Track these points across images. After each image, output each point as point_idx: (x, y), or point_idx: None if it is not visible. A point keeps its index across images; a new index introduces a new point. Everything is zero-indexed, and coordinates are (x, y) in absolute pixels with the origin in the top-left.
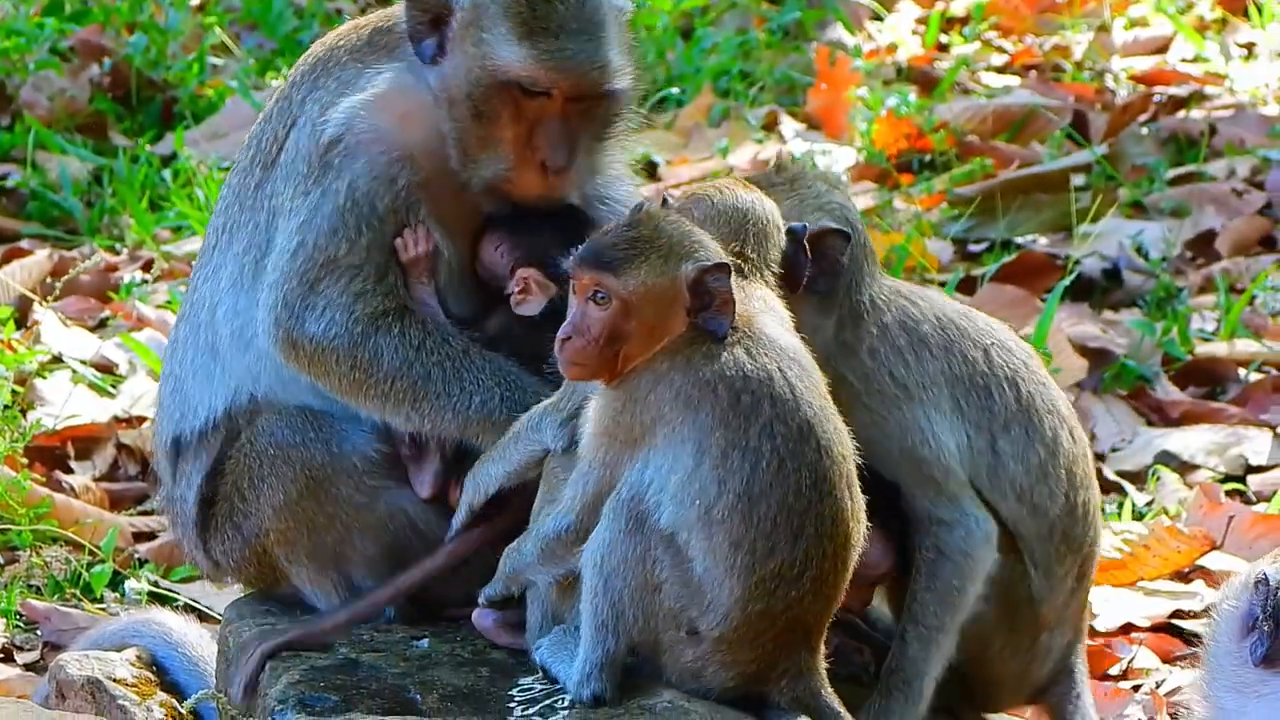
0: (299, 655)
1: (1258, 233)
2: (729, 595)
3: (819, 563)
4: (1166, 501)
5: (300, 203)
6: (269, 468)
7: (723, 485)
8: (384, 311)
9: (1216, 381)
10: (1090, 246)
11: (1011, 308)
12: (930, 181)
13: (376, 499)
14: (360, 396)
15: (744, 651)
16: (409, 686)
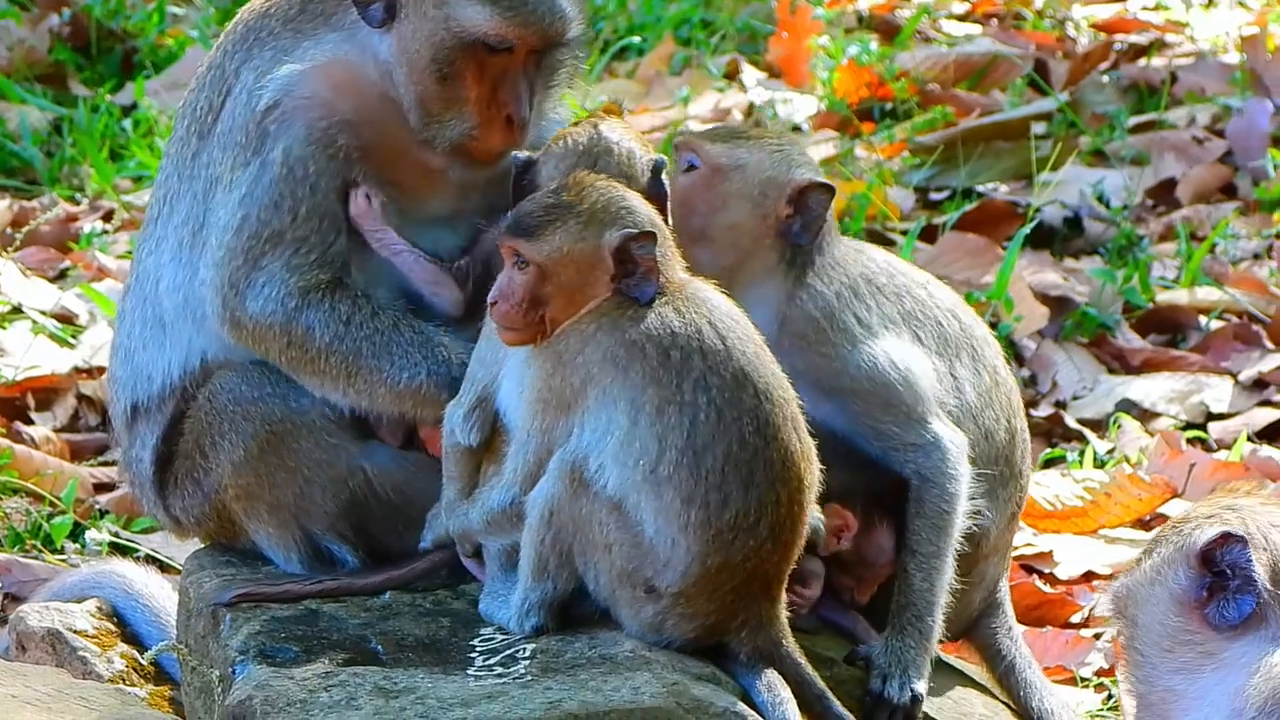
0: (259, 606)
1: (1218, 180)
2: (686, 552)
3: (774, 509)
4: (1128, 449)
5: (240, 174)
6: (228, 424)
7: (663, 443)
8: (317, 285)
9: (1177, 329)
10: (1051, 194)
11: (972, 256)
12: (891, 130)
13: (336, 456)
14: (300, 373)
15: (703, 604)
16: (370, 637)
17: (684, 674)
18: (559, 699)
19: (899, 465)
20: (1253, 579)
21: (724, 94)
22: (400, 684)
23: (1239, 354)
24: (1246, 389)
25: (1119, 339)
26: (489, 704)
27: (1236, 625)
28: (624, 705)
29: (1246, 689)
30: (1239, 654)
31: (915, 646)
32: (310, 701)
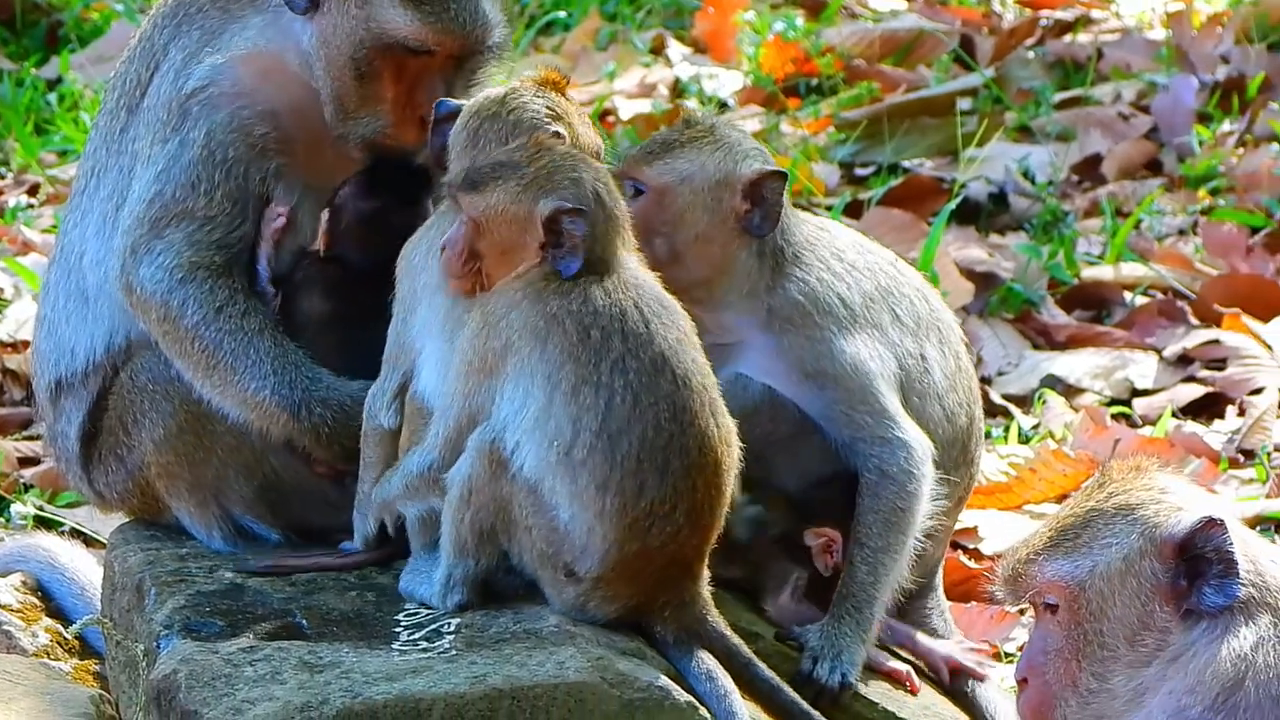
0: (184, 579)
1: (1144, 156)
2: (603, 540)
3: (690, 495)
4: (1052, 425)
5: (159, 150)
6: (150, 402)
7: (577, 424)
8: (207, 264)
9: (1102, 305)
10: (977, 170)
11: (898, 231)
12: (817, 105)
13: (247, 441)
14: (170, 349)
15: (624, 588)
16: (295, 611)
17: (609, 649)
18: (484, 673)
19: (862, 457)
20: (1234, 562)
21: (650, 69)
22: (325, 658)
23: (1164, 330)
24: (1171, 365)
25: (1044, 315)
26: (414, 678)
27: (1221, 611)
28: (549, 680)
29: (1193, 686)
30: (1184, 647)
31: (850, 634)
32: (235, 676)
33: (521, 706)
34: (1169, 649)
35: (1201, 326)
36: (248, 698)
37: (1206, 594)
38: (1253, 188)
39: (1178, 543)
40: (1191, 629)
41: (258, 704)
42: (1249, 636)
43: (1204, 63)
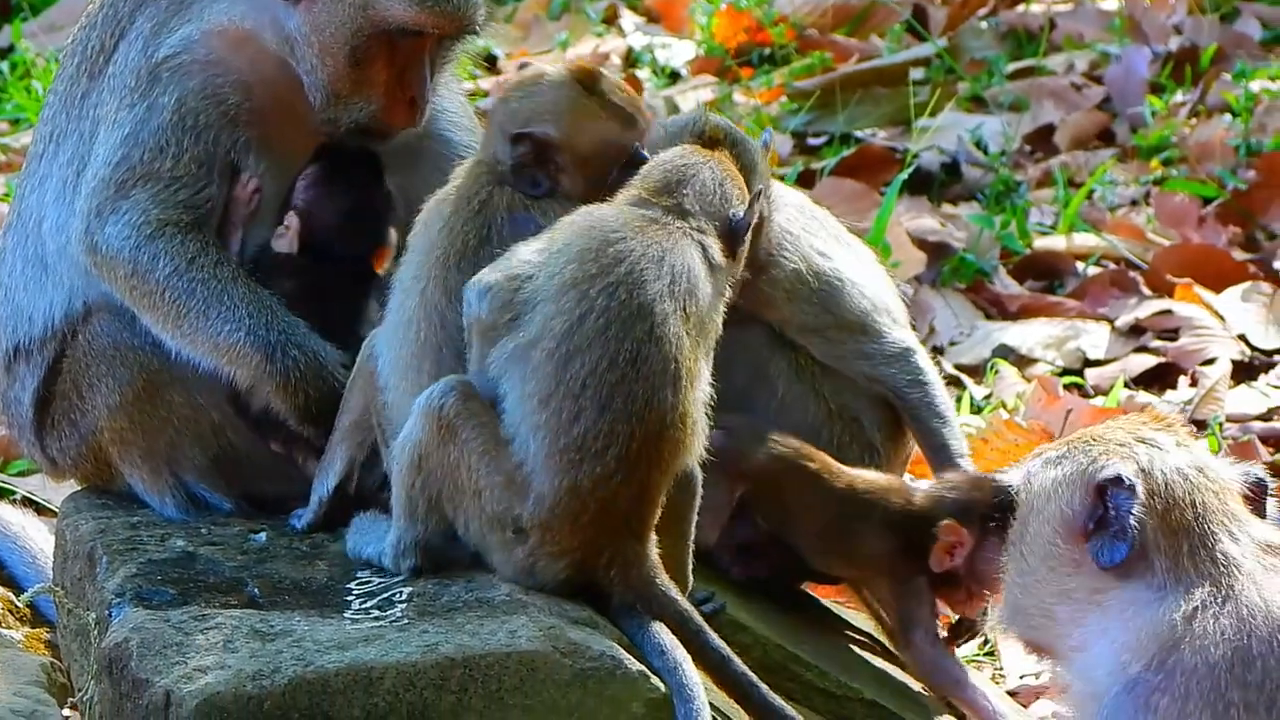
0: (136, 548)
1: (1096, 127)
2: (539, 467)
3: (625, 441)
4: (1005, 395)
5: (125, 115)
6: (106, 367)
7: (548, 323)
8: (175, 221)
9: (1055, 275)
10: (929, 140)
11: (850, 201)
12: (769, 75)
13: (202, 414)
14: (139, 305)
15: (566, 536)
16: (247, 580)
17: (561, 617)
18: (435, 642)
19: (888, 380)
20: (1126, 530)
21: (603, 39)
22: (277, 627)
23: (1116, 300)
24: (1123, 335)
25: (996, 285)
26: (365, 647)
27: (1109, 569)
28: (500, 649)
29: (1132, 644)
30: (1125, 601)
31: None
32: (187, 644)
33: (473, 675)
34: (1105, 599)
35: (1154, 297)
36: (200, 666)
37: (1097, 546)
38: (1205, 158)
39: (1094, 486)
40: (1126, 583)
41: (209, 672)
42: (1186, 604)
43: (1157, 33)
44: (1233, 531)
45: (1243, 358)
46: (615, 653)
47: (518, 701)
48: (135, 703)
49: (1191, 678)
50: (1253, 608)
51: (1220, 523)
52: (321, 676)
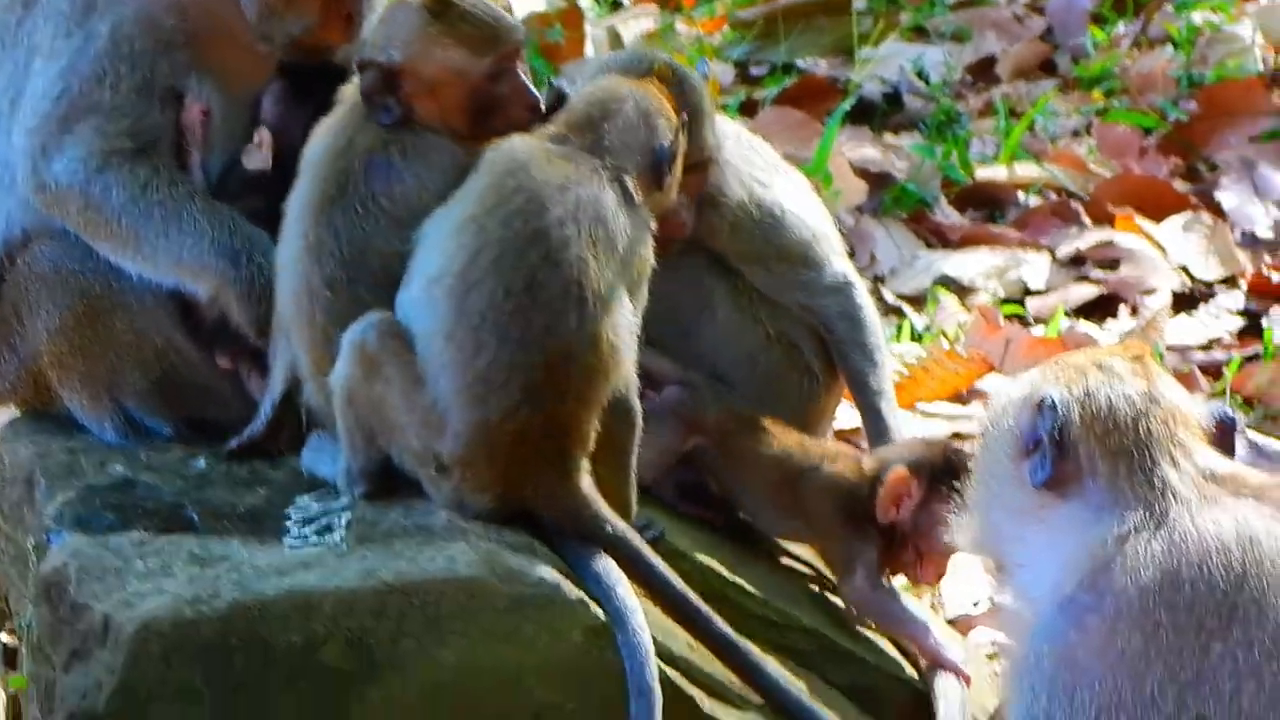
0: (75, 473)
1: (1038, 57)
2: (451, 404)
3: (528, 371)
4: (945, 324)
5: (62, 44)
6: (47, 292)
7: (447, 256)
8: (121, 150)
9: (996, 205)
10: (871, 70)
11: (792, 131)
12: (712, 4)
13: (144, 340)
14: (94, 236)
15: (485, 471)
16: (186, 505)
17: (499, 544)
18: (374, 568)
19: (821, 311)
20: (1046, 451)
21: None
22: (215, 552)
23: (1057, 230)
24: (1064, 265)
25: (937, 214)
26: (304, 573)
27: (1039, 487)
28: (439, 575)
29: (1067, 562)
30: (1063, 521)
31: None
32: (125, 569)
33: (411, 601)
34: (1045, 517)
35: (1095, 227)
36: (138, 591)
37: (1031, 465)
38: (1147, 89)
39: (1033, 406)
40: (1066, 503)
41: (148, 597)
42: (1120, 526)
43: None
44: (1176, 459)
45: (1183, 288)
46: (553, 579)
47: (456, 627)
48: (73, 628)
49: (1121, 598)
50: (1185, 533)
51: (1164, 450)
52: (260, 602)
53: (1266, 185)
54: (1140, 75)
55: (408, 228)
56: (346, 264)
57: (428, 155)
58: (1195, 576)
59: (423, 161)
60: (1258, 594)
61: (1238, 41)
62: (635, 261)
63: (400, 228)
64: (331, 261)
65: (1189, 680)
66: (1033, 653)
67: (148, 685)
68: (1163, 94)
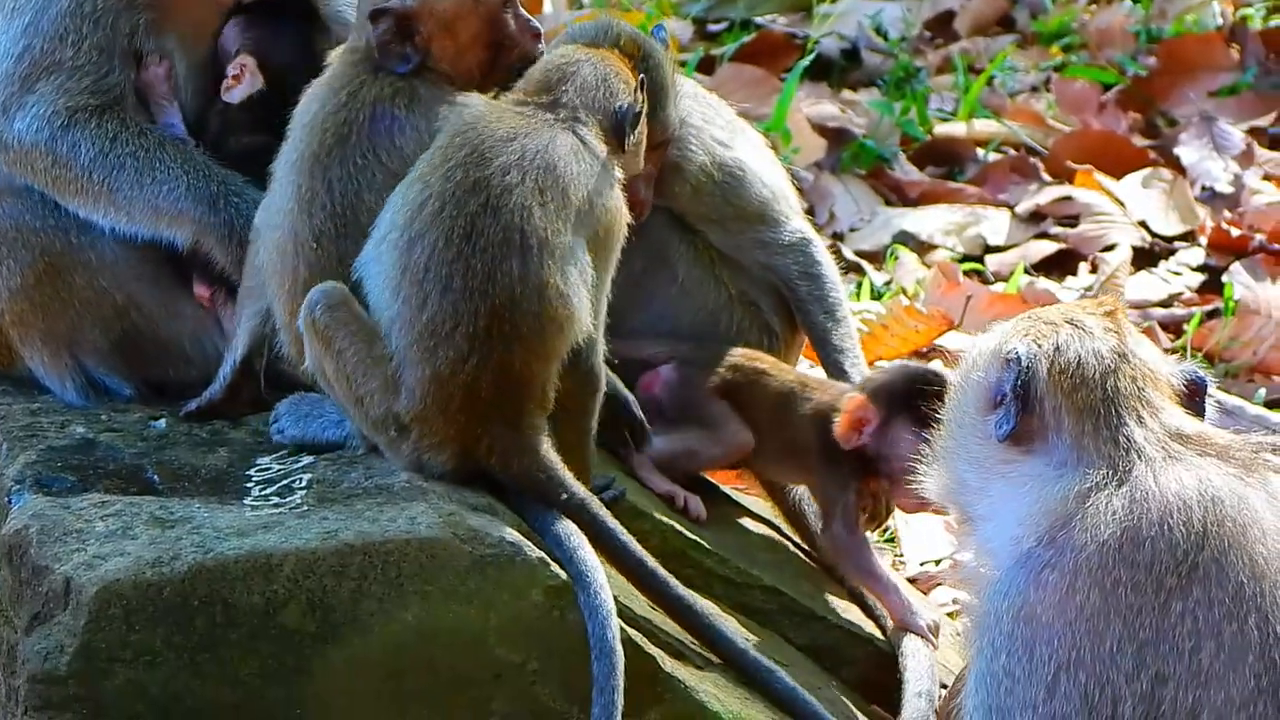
0: (36, 434)
1: (996, 13)
2: (403, 358)
3: (472, 320)
4: (905, 281)
5: (24, 3)
6: (7, 250)
7: (396, 216)
8: (85, 107)
9: (955, 161)
10: (829, 26)
11: (751, 87)
12: None
13: (104, 297)
14: (64, 193)
15: (441, 426)
16: (147, 467)
17: (461, 504)
18: (335, 529)
19: (781, 270)
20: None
21: None
22: (176, 514)
23: (1016, 186)
24: (1023, 221)
25: (896, 171)
26: (265, 534)
27: (1003, 441)
28: (400, 535)
29: (1028, 517)
30: (1026, 475)
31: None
32: (87, 531)
33: (373, 561)
34: (1009, 471)
35: (1054, 183)
36: (99, 553)
37: (996, 417)
38: (1105, 44)
39: (1001, 359)
40: (1027, 458)
41: (109, 559)
42: (1083, 482)
43: None
44: (1143, 417)
45: (1143, 244)
46: (514, 539)
47: (417, 588)
48: (35, 589)
49: (1080, 554)
50: (1147, 491)
51: (1131, 408)
52: (221, 563)
53: (1225, 140)
54: (1099, 30)
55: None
56: (336, 216)
57: (431, 108)
58: (1156, 534)
59: (425, 116)
60: (1218, 553)
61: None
62: (598, 211)
63: (392, 182)
64: (322, 214)
65: (1148, 638)
66: (992, 609)
67: (109, 647)
68: (1121, 49)
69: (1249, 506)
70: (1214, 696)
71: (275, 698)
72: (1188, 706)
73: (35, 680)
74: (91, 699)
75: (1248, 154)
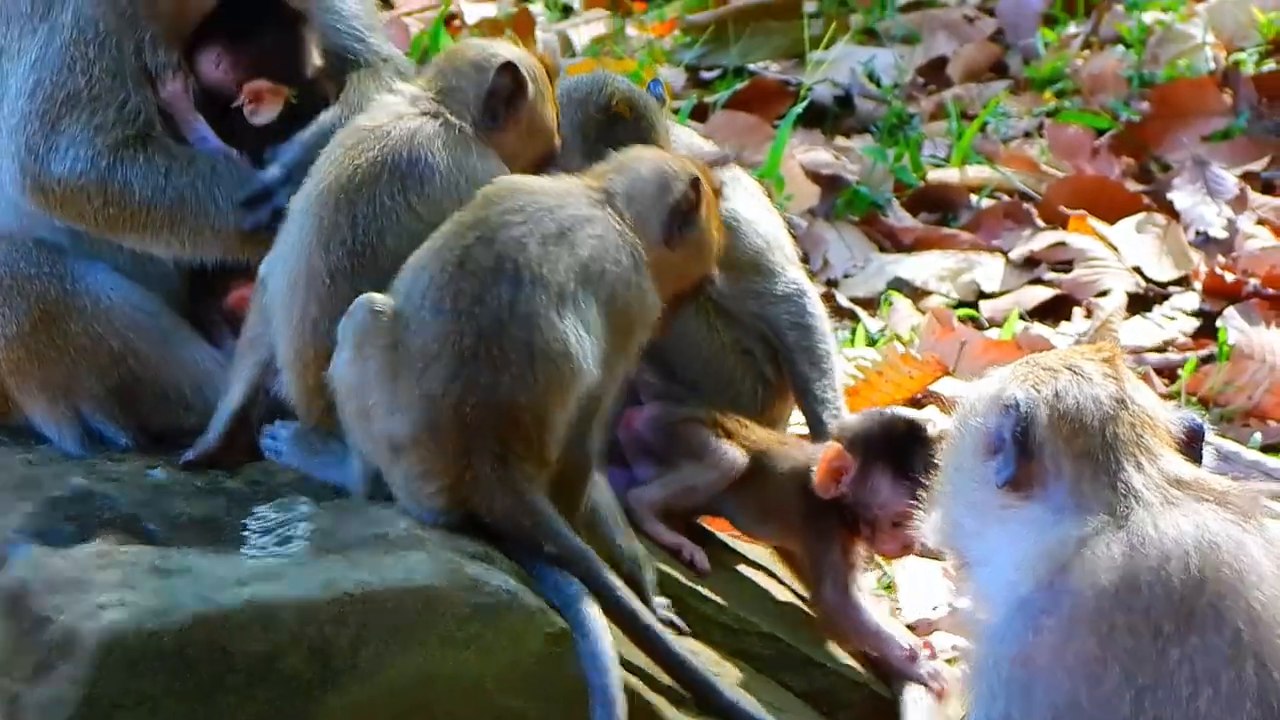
0: (35, 485)
1: (989, 59)
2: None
3: (458, 339)
4: (899, 327)
5: (29, 42)
6: (3, 297)
7: (414, 259)
8: (126, 141)
9: (948, 207)
10: (822, 73)
11: (744, 134)
12: (662, 9)
13: (100, 344)
14: (120, 231)
15: (430, 451)
16: (144, 516)
17: (458, 552)
18: (335, 578)
19: (773, 320)
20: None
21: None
22: (176, 563)
23: (1010, 232)
24: (1017, 267)
25: (890, 217)
26: (265, 583)
27: (1002, 486)
28: (399, 584)
29: (1025, 563)
30: (1025, 521)
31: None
32: (87, 581)
33: (372, 610)
34: (1007, 516)
35: (1047, 229)
36: (100, 603)
37: (995, 463)
38: (1098, 90)
39: (1000, 405)
40: (1027, 504)
41: (110, 609)
42: (1081, 528)
43: None
44: (1141, 463)
45: (1137, 289)
46: (511, 586)
47: (416, 635)
48: (37, 639)
49: (1078, 600)
50: (1144, 537)
51: (1130, 454)
52: (221, 612)
53: (1219, 185)
54: (1091, 75)
55: (418, 227)
56: (354, 254)
57: (463, 161)
58: (1153, 580)
59: (462, 171)
60: (1216, 599)
61: (1189, 40)
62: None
63: (415, 227)
64: (340, 250)
65: (1146, 684)
66: (990, 654)
67: (112, 696)
68: (1114, 94)
69: (1246, 552)
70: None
71: None
72: None
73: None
74: None
75: (1241, 198)
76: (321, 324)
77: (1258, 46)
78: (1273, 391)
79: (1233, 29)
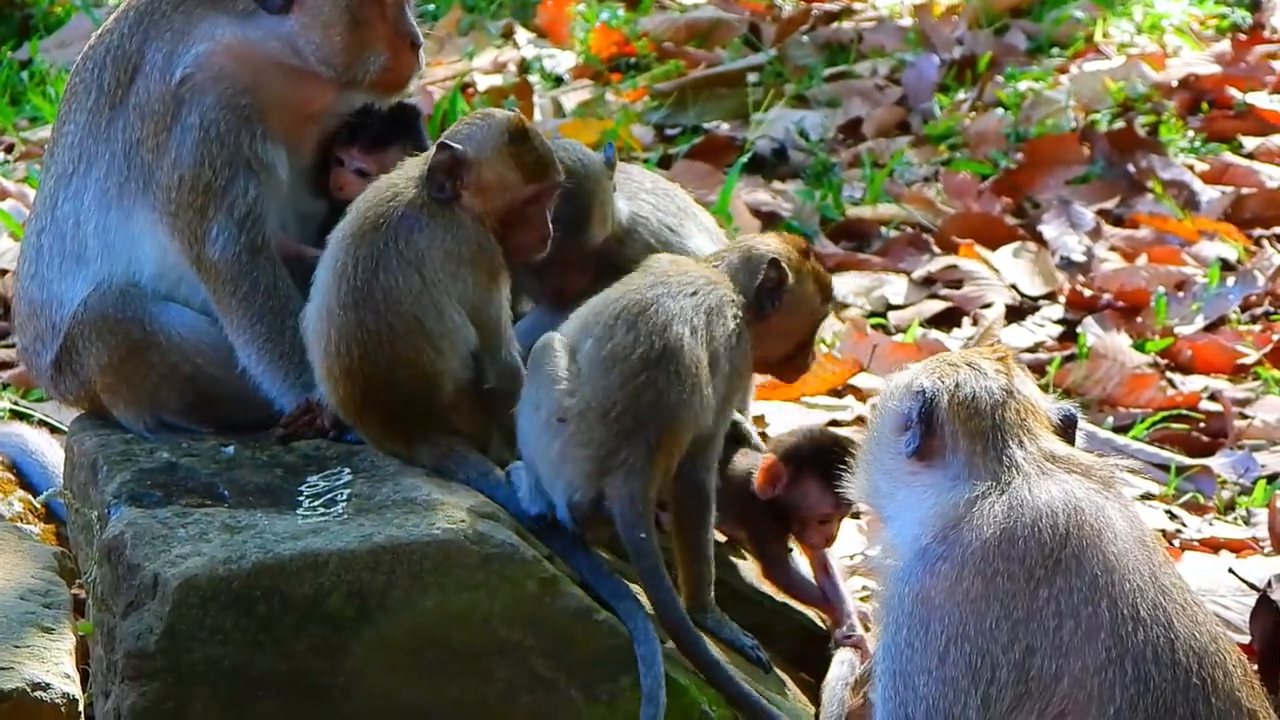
0: (130, 459)
1: (895, 119)
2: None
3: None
4: (824, 334)
5: (165, 139)
6: (96, 334)
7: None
8: (257, 246)
9: (863, 238)
10: (763, 131)
11: (700, 180)
12: (635, 79)
13: (178, 369)
14: (237, 310)
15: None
16: (219, 484)
17: (470, 512)
18: (370, 533)
19: None
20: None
21: (501, 50)
22: (243, 522)
23: (912, 257)
24: (918, 285)
25: (817, 246)
26: (314, 537)
27: (911, 457)
28: (422, 538)
29: (927, 519)
30: (927, 485)
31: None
32: (170, 536)
33: (400, 559)
34: (914, 481)
35: (942, 254)
36: (180, 554)
37: (905, 437)
38: (983, 144)
39: (911, 391)
40: (930, 469)
41: (189, 558)
42: (971, 492)
43: (943, 44)
44: (1023, 441)
45: (1014, 302)
46: (514, 540)
47: (435, 580)
48: (129, 583)
49: (967, 549)
50: (1022, 500)
51: (1014, 434)
52: (279, 561)
53: (1079, 219)
54: (977, 133)
55: (407, 270)
56: (355, 290)
57: (448, 225)
58: (1028, 535)
59: (444, 228)
60: (1078, 550)
61: (1055, 104)
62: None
63: (402, 268)
64: (346, 285)
65: (1020, 617)
66: (895, 593)
67: (189, 629)
68: (995, 147)
69: (1104, 514)
70: (1073, 665)
71: (321, 669)
72: (1052, 673)
73: (130, 656)
74: (175, 670)
75: (1097, 230)
76: (342, 348)
77: (1110, 109)
78: (1122, 384)
79: (1090, 95)
